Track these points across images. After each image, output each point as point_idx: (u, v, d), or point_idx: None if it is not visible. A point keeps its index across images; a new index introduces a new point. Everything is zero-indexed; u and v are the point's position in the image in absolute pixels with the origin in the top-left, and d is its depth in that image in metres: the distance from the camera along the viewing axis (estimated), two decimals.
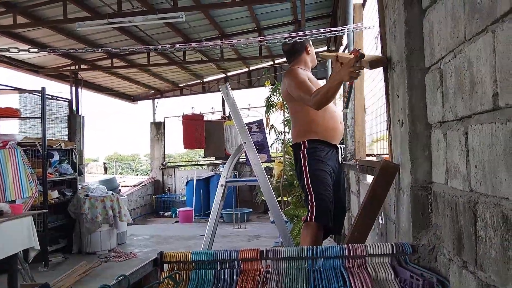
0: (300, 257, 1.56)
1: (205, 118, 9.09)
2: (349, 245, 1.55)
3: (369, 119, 3.52)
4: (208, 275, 1.60)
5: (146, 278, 1.62)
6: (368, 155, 3.40)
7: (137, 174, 21.16)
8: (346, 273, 1.47)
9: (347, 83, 2.65)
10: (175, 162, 13.37)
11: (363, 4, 3.41)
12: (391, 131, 1.88)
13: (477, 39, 1.07)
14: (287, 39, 2.77)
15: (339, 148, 2.63)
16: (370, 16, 3.24)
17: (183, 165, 12.26)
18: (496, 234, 0.99)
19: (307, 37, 2.85)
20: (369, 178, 3.38)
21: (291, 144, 2.71)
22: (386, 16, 1.89)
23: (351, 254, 1.53)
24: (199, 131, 8.36)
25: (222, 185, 2.08)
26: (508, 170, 0.93)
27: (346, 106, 2.58)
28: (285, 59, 9.10)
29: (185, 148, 9.29)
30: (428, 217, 1.55)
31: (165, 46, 2.97)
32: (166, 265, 1.69)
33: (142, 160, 26.35)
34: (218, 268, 1.63)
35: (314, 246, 1.57)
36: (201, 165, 12.21)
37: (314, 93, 2.33)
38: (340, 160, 2.66)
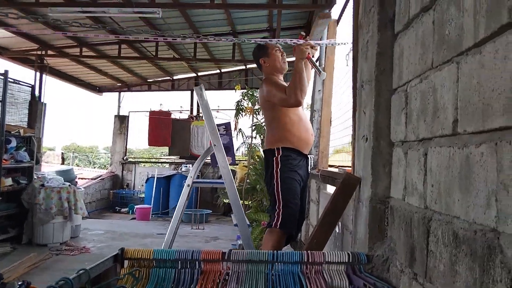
0: (260, 261, 1.60)
1: (172, 116, 9.00)
2: (308, 251, 1.61)
3: (333, 131, 3.63)
4: (169, 274, 1.61)
5: (105, 274, 1.61)
6: (330, 165, 3.51)
7: (95, 167, 20.60)
8: (304, 278, 1.53)
9: (313, 71, 2.79)
10: (136, 158, 13.12)
11: (338, 21, 3.52)
12: (355, 145, 1.96)
13: (443, 67, 1.15)
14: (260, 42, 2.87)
15: (309, 158, 2.70)
16: (343, 33, 3.36)
17: (144, 162, 12.06)
18: (446, 250, 1.06)
19: (277, 43, 2.95)
20: (329, 188, 3.48)
21: (264, 149, 2.73)
22: (360, 35, 1.97)
23: (310, 261, 1.59)
24: (165, 129, 8.26)
25: (188, 185, 2.09)
26: (462, 191, 1.01)
27: (319, 72, 2.64)
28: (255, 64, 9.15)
29: (149, 144, 9.16)
30: (384, 229, 1.63)
31: (141, 36, 2.91)
32: (126, 262, 1.68)
33: (101, 153, 25.67)
34: (179, 267, 1.64)
35: (274, 251, 1.62)
36: (162, 163, 12.05)
37: (287, 90, 2.47)
38: (309, 170, 2.73)
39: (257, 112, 4.83)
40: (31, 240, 5.49)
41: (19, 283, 2.17)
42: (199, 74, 10.68)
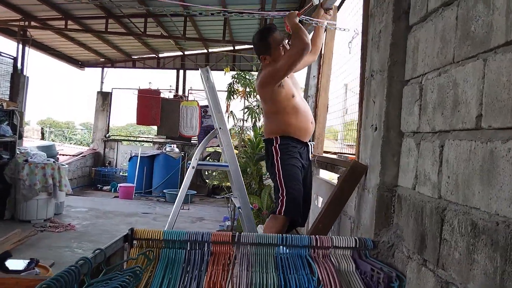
0: (269, 244, 1.63)
1: (162, 96, 8.87)
2: (316, 236, 1.65)
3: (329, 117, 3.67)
4: (179, 255, 1.62)
5: (114, 254, 1.62)
6: (324, 151, 3.56)
7: (71, 143, 20.24)
8: (313, 262, 1.57)
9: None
10: (117, 135, 12.95)
11: (338, 8, 3.52)
12: (361, 134, 2.00)
13: (466, 63, 1.18)
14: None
15: (309, 145, 2.71)
16: (343, 21, 3.36)
17: (128, 140, 11.91)
18: (463, 239, 1.11)
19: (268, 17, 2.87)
20: (323, 173, 3.54)
21: (263, 138, 2.72)
22: (370, 25, 1.99)
23: (318, 245, 1.63)
24: (154, 108, 8.16)
25: (193, 167, 2.09)
26: (483, 184, 1.06)
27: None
28: (245, 46, 9.07)
29: (138, 123, 9.04)
30: (390, 217, 1.68)
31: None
32: (134, 242, 1.69)
33: (77, 129, 25.17)
34: (188, 248, 1.66)
35: (284, 235, 1.65)
36: (146, 141, 11.92)
37: (292, 43, 2.45)
38: (310, 157, 2.74)
39: (249, 95, 4.82)
40: (14, 216, 5.42)
41: (28, 260, 2.16)
42: (186, 53, 10.53)
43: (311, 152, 2.71)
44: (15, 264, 2.16)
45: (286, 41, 2.65)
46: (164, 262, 1.59)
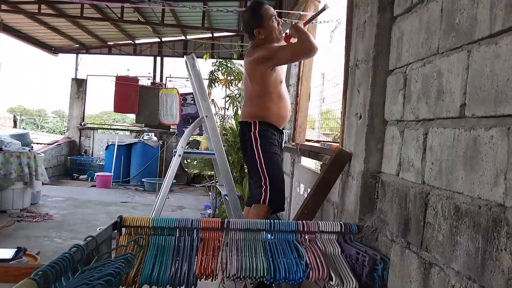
0: (258, 229, 1.67)
1: (140, 83, 8.74)
2: (304, 221, 1.70)
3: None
4: (168, 241, 1.64)
5: (103, 241, 1.62)
6: (307, 140, 3.61)
7: (42, 131, 19.75)
8: (300, 246, 1.62)
9: None
10: (93, 124, 12.71)
11: None
12: (345, 122, 2.05)
13: (451, 54, 1.23)
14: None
15: (284, 133, 2.73)
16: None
17: (104, 128, 11.70)
18: (446, 222, 1.17)
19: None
20: (304, 161, 3.60)
21: (240, 120, 2.64)
22: (355, 15, 2.02)
23: (305, 230, 1.68)
24: (132, 96, 8.03)
25: (179, 155, 2.09)
26: (466, 170, 1.11)
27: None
28: (224, 33, 8.99)
29: (115, 111, 8.88)
30: (373, 202, 1.74)
31: None
32: (123, 229, 1.70)
33: (49, 117, 24.57)
34: (177, 235, 1.68)
35: (271, 220, 1.69)
36: (123, 130, 11.75)
37: (298, 39, 2.39)
38: (282, 145, 2.76)
39: (230, 84, 4.82)
40: None
41: (15, 249, 2.13)
42: (164, 39, 10.37)
43: (285, 141, 2.74)
44: (2, 253, 2.13)
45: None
46: (154, 249, 1.61)
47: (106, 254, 1.46)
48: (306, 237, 1.69)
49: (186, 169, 9.10)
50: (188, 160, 6.74)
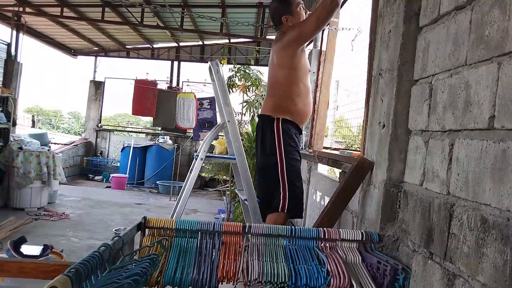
0: (279, 235, 1.69)
1: (158, 87, 8.85)
2: (325, 228, 1.71)
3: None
4: (191, 244, 1.66)
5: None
6: (324, 147, 3.62)
7: (57, 131, 20.08)
8: (321, 254, 1.62)
9: None
10: (111, 126, 12.88)
11: (342, 4, 3.56)
12: (367, 131, 2.05)
13: (480, 66, 1.24)
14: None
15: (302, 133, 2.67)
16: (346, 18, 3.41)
17: (120, 130, 11.85)
18: (472, 233, 1.17)
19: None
20: (321, 168, 3.60)
21: (261, 114, 2.47)
22: (379, 24, 2.03)
23: (326, 237, 1.69)
24: (150, 99, 8.14)
25: (201, 159, 2.12)
26: (494, 181, 1.11)
27: None
28: (241, 39, 9.09)
29: (133, 114, 9.00)
30: (395, 211, 1.74)
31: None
32: (147, 230, 1.72)
33: (65, 118, 24.97)
34: (199, 238, 1.70)
35: (292, 226, 1.70)
36: (139, 132, 11.88)
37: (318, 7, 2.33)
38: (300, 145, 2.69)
39: (248, 89, 4.85)
40: (7, 204, 5.39)
41: (41, 246, 2.18)
42: (181, 44, 10.49)
43: (302, 142, 2.68)
44: (29, 249, 2.18)
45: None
46: (176, 251, 1.63)
47: (131, 254, 1.48)
48: (327, 244, 1.70)
49: (200, 173, 9.15)
50: (203, 164, 6.78)
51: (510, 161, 1.06)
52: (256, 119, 5.93)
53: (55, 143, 9.91)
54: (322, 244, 1.70)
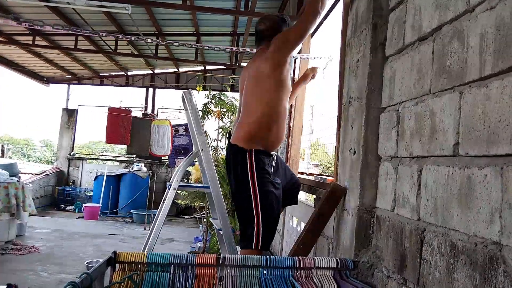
0: (254, 265, 1.66)
1: (132, 114, 8.77)
2: (299, 257, 1.69)
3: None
4: (163, 278, 1.62)
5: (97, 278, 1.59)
6: (299, 172, 3.64)
7: (29, 160, 19.53)
8: (297, 283, 1.60)
9: None
10: (82, 154, 12.62)
11: (312, 34, 3.66)
12: (339, 157, 2.08)
13: (443, 94, 1.28)
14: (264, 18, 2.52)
15: (274, 156, 2.43)
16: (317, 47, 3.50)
17: (93, 158, 11.61)
18: (443, 259, 1.19)
19: (245, 53, 2.80)
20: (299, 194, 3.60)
21: (232, 142, 2.34)
22: (348, 54, 2.10)
23: (301, 266, 1.67)
24: (125, 127, 8.04)
25: (174, 189, 2.09)
26: (461, 207, 1.14)
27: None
28: (216, 66, 9.12)
29: (107, 142, 8.86)
30: (369, 237, 1.75)
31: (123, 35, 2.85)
32: (117, 265, 1.67)
33: (37, 146, 24.36)
34: (172, 271, 1.66)
35: (267, 256, 1.68)
36: (112, 160, 11.67)
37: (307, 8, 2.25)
38: (281, 161, 2.57)
39: (223, 115, 4.87)
40: None
41: (4, 286, 2.07)
42: (156, 71, 10.49)
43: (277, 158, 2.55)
44: None
45: None
46: (148, 286, 1.58)
47: None
48: (303, 273, 1.68)
49: (175, 200, 9.01)
50: (178, 191, 6.68)
51: (475, 188, 1.08)
52: None
53: (25, 173, 9.59)
54: (297, 273, 1.68)
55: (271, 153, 2.38)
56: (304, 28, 2.26)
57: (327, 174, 3.73)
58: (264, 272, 1.67)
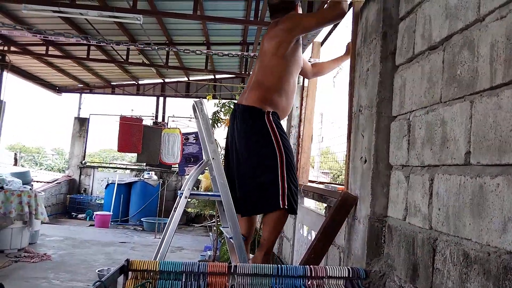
0: (265, 275, 1.66)
1: (143, 123, 8.86)
2: (311, 266, 1.69)
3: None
4: (175, 286, 1.63)
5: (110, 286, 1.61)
6: (310, 181, 3.64)
7: (41, 169, 19.75)
8: None
9: None
10: (93, 162, 12.74)
11: (322, 43, 3.68)
12: (350, 165, 2.08)
13: (454, 103, 1.29)
14: None
15: None
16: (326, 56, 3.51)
17: (104, 167, 11.71)
18: (455, 268, 1.18)
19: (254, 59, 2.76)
20: (307, 202, 3.60)
21: (244, 104, 2.33)
22: (358, 63, 2.11)
23: (312, 275, 1.67)
24: (136, 135, 8.12)
25: (186, 197, 2.11)
26: (473, 216, 1.14)
27: None
28: (225, 75, 9.20)
29: (119, 150, 8.95)
30: (380, 246, 1.75)
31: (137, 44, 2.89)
32: (129, 273, 1.68)
33: (48, 154, 24.63)
34: (184, 279, 1.67)
35: (279, 265, 1.69)
36: (123, 168, 11.76)
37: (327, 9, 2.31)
38: None
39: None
40: None
41: None
42: (166, 80, 10.59)
43: None
44: None
45: None
46: None
47: None
48: (314, 282, 1.68)
49: (185, 209, 9.05)
50: (188, 199, 6.69)
51: (487, 197, 1.08)
52: None
53: (37, 181, 9.70)
54: (309, 282, 1.68)
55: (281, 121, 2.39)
56: (322, 21, 2.32)
57: (337, 182, 3.73)
58: (276, 281, 1.67)
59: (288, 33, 2.31)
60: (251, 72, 2.59)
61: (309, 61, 3.05)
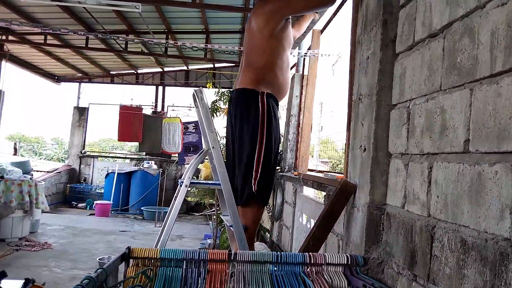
0: (265, 261, 1.68)
1: (144, 112, 8.85)
2: (310, 253, 1.71)
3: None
4: (176, 273, 1.65)
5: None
6: (309, 169, 3.65)
7: (40, 158, 19.80)
8: (307, 279, 1.62)
9: None
10: (93, 151, 12.75)
11: (322, 31, 3.66)
12: (349, 154, 2.09)
13: (453, 91, 1.29)
14: None
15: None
16: (326, 44, 3.50)
17: (104, 156, 11.73)
18: (453, 255, 1.19)
19: None
20: (306, 191, 3.62)
21: (239, 87, 2.28)
22: (358, 51, 2.10)
23: (311, 262, 1.69)
24: (136, 124, 8.12)
25: (186, 186, 2.12)
26: (471, 203, 1.14)
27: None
28: (225, 64, 9.17)
29: (119, 140, 8.96)
30: (379, 234, 1.76)
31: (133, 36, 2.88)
32: (131, 260, 1.70)
33: (48, 144, 24.69)
34: (184, 267, 1.68)
35: (278, 252, 1.70)
36: (123, 158, 11.78)
37: None
38: None
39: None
40: None
41: (22, 280, 2.12)
42: (165, 69, 10.56)
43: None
44: (10, 284, 2.11)
45: None
46: (161, 281, 1.61)
47: (115, 286, 1.46)
48: (313, 269, 1.69)
49: (185, 197, 9.08)
50: (188, 188, 6.72)
51: (485, 184, 1.09)
52: None
53: (37, 171, 9.74)
54: (308, 269, 1.70)
55: (278, 101, 2.35)
56: (311, 4, 2.27)
57: (336, 171, 3.74)
58: (275, 268, 1.69)
59: (276, 13, 2.25)
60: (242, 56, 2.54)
61: None
